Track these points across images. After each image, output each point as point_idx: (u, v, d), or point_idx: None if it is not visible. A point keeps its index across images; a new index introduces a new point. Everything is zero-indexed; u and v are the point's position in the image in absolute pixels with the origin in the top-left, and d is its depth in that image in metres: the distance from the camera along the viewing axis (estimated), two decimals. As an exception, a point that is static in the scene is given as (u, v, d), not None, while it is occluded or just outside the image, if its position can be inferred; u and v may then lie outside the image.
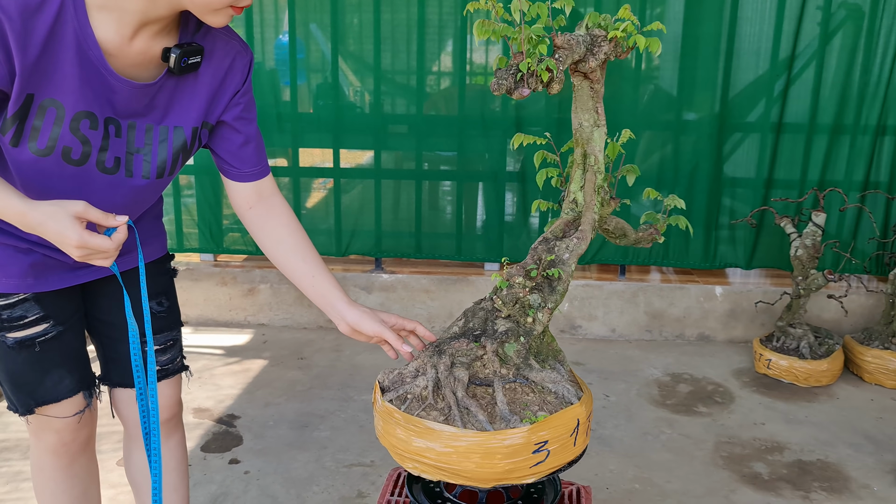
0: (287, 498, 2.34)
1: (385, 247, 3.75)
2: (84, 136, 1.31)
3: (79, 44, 1.24)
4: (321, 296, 1.53)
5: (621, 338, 3.70)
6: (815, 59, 3.39)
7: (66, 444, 1.62)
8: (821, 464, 2.59)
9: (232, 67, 1.45)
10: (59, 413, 1.56)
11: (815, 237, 3.17)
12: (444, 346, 1.48)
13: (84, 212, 1.24)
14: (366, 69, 3.61)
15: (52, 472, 1.65)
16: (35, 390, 1.52)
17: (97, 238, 1.25)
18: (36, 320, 1.48)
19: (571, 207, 1.56)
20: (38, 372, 1.51)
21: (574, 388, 1.44)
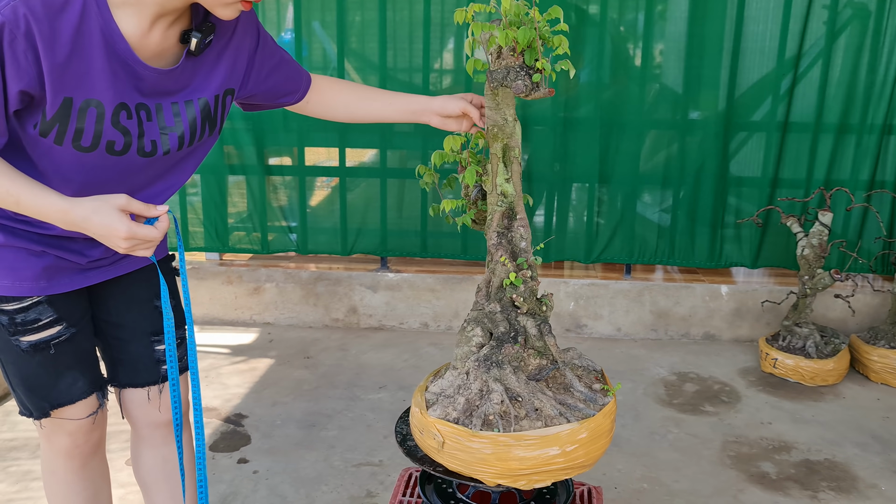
0: (297, 497, 2.34)
1: (390, 246, 3.75)
2: (124, 128, 1.34)
3: (106, 40, 1.26)
4: (407, 110, 1.69)
5: (627, 337, 3.70)
6: (822, 58, 3.39)
7: (79, 447, 1.63)
8: (828, 463, 2.59)
9: (238, 28, 1.48)
10: (74, 415, 1.57)
11: (821, 236, 3.17)
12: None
13: (127, 204, 1.28)
14: (370, 67, 3.61)
15: (64, 475, 1.65)
16: (50, 393, 1.52)
17: (144, 228, 1.29)
18: (49, 323, 1.48)
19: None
20: (53, 375, 1.52)
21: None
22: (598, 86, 3.51)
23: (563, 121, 3.54)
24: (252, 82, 1.56)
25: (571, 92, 3.55)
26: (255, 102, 1.65)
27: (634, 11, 3.45)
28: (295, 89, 1.66)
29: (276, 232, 3.79)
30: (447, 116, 1.65)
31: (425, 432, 1.44)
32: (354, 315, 3.78)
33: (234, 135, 3.66)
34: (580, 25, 3.47)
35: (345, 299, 3.77)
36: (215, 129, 1.50)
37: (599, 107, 3.50)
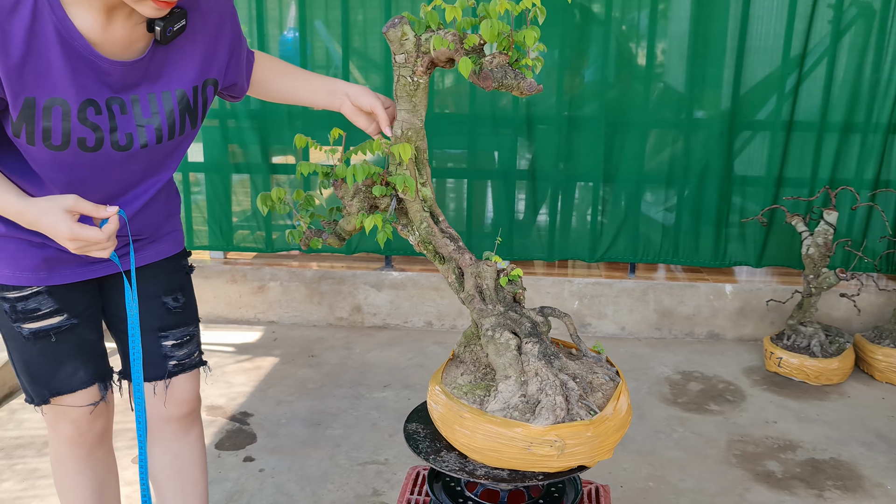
0: (302, 496, 2.35)
1: (395, 245, 3.76)
2: (93, 124, 1.33)
3: (62, 37, 1.25)
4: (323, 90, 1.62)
5: (631, 336, 3.70)
6: (827, 57, 3.39)
7: (83, 435, 1.64)
8: (834, 462, 2.59)
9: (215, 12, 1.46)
10: (74, 403, 1.58)
11: (826, 236, 3.17)
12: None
13: (75, 205, 1.27)
14: (373, 66, 3.61)
15: (70, 464, 1.67)
16: (50, 381, 1.55)
17: (88, 230, 1.27)
18: (50, 313, 1.51)
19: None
20: (53, 363, 1.54)
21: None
22: (602, 85, 3.50)
23: (568, 120, 3.54)
24: (233, 72, 1.54)
25: (576, 91, 3.55)
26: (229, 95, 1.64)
27: (638, 10, 3.45)
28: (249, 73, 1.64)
29: (281, 231, 3.79)
30: (358, 108, 1.58)
31: (535, 445, 1.37)
32: (359, 314, 3.78)
33: (239, 133, 3.66)
34: (584, 24, 3.47)
35: (349, 298, 3.77)
36: (196, 121, 1.48)
37: (604, 106, 3.50)
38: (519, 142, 3.62)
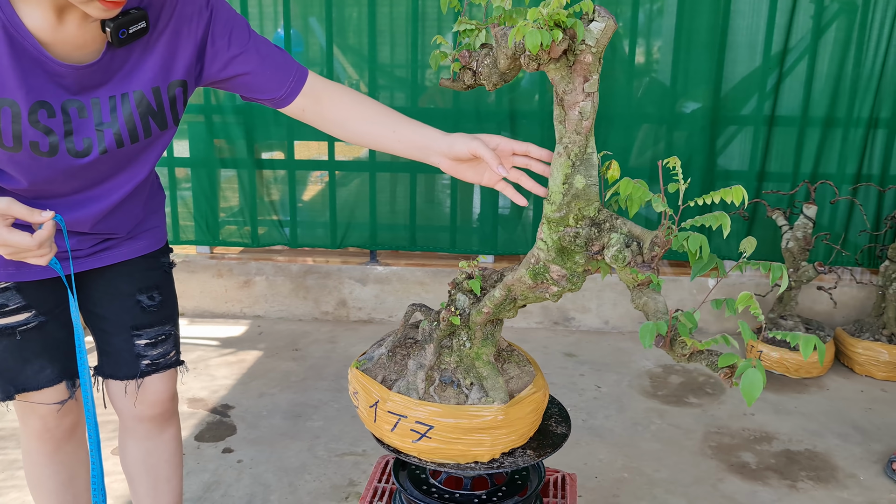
0: (279, 486, 2.37)
1: (380, 239, 3.78)
2: (46, 127, 1.30)
3: (10, 37, 1.22)
4: (412, 144, 1.44)
5: (615, 329, 3.72)
6: (808, 53, 3.40)
7: (51, 430, 1.64)
8: (808, 453, 2.61)
9: (182, 16, 1.38)
10: (41, 400, 1.58)
11: (806, 229, 3.19)
12: (418, 307, 1.59)
13: (7, 209, 1.19)
14: (361, 62, 3.63)
15: (38, 457, 1.67)
16: (16, 377, 1.54)
17: (17, 235, 1.20)
18: (17, 309, 1.49)
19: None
20: (19, 360, 1.52)
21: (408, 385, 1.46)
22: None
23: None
24: (207, 72, 1.45)
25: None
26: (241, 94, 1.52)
27: (624, 5, 3.46)
28: (272, 87, 1.47)
29: (267, 226, 3.81)
30: (457, 160, 1.39)
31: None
32: (344, 308, 3.80)
33: (226, 129, 3.68)
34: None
35: (334, 292, 3.79)
36: (166, 123, 1.43)
37: (587, 101, 3.51)
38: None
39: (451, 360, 1.49)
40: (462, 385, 1.46)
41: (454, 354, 1.49)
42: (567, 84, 1.18)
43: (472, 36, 1.32)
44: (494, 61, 1.27)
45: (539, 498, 1.70)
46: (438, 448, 1.43)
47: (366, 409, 1.49)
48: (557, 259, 1.27)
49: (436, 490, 1.61)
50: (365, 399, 1.49)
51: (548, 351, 3.45)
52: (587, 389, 3.06)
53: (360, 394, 1.50)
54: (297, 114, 1.51)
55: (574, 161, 1.22)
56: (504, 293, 1.39)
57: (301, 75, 1.49)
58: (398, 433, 1.44)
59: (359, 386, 1.51)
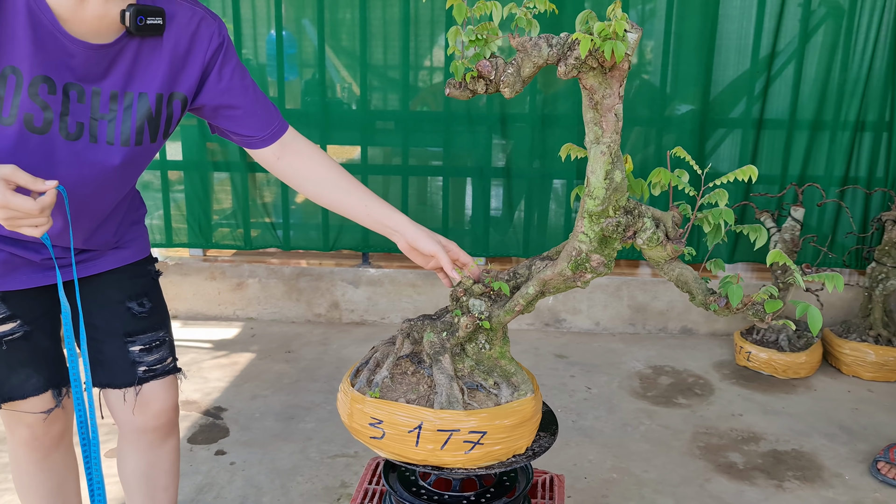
0: (271, 488, 2.39)
1: (372, 241, 3.80)
2: (44, 102, 1.31)
3: (30, 9, 1.26)
4: (379, 223, 1.60)
5: (605, 331, 3.75)
6: (796, 57, 3.44)
7: (39, 439, 1.63)
8: (795, 453, 2.64)
9: (197, 34, 1.44)
10: (28, 409, 1.58)
11: (793, 231, 3.22)
12: (415, 321, 1.56)
13: (12, 174, 1.20)
14: (354, 64, 3.65)
15: (26, 466, 1.67)
16: (1, 386, 1.54)
17: (21, 197, 1.19)
18: (3, 319, 1.49)
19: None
20: (5, 369, 1.52)
21: (448, 398, 1.44)
22: (575, 82, 3.54)
23: (542, 118, 3.58)
24: (204, 95, 1.49)
25: (550, 89, 3.59)
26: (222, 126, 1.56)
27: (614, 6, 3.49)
28: (257, 126, 1.54)
29: (260, 228, 3.83)
30: (415, 251, 1.57)
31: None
32: (336, 310, 3.82)
33: (218, 132, 3.69)
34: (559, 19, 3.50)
35: (327, 295, 3.81)
36: (157, 135, 1.45)
37: (577, 104, 3.54)
38: (494, 140, 3.67)
39: (464, 366, 1.50)
40: (486, 386, 1.49)
41: (469, 359, 1.51)
42: (605, 89, 1.28)
43: (481, 45, 1.35)
44: (518, 69, 1.31)
45: (527, 499, 1.73)
46: (489, 452, 1.44)
47: (401, 436, 1.43)
48: (598, 248, 1.38)
49: (425, 492, 1.63)
50: (400, 426, 1.43)
51: (539, 352, 3.48)
52: (577, 390, 3.09)
53: (386, 422, 1.43)
54: (269, 160, 1.59)
55: (613, 158, 1.32)
56: (539, 289, 1.45)
57: (284, 125, 1.59)
58: (449, 449, 1.42)
59: (385, 414, 1.43)
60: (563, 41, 1.29)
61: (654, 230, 1.36)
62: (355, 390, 1.49)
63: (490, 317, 1.47)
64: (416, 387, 1.48)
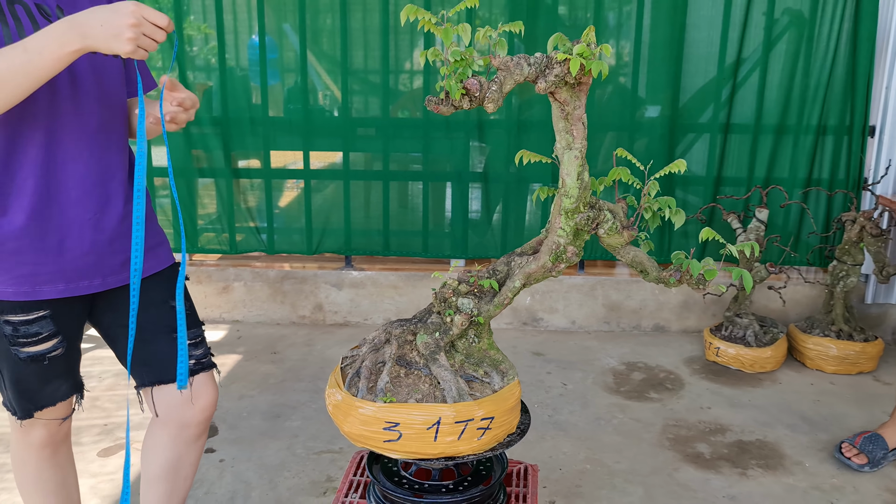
0: (260, 483, 2.49)
1: (355, 245, 3.90)
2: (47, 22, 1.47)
3: None
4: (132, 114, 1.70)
5: (581, 329, 3.88)
6: (760, 64, 3.59)
7: (53, 436, 1.75)
8: (759, 443, 2.78)
9: None
10: (54, 416, 1.69)
11: (758, 232, 3.37)
12: (389, 326, 1.66)
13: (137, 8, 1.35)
14: (335, 68, 3.75)
15: (36, 463, 1.77)
16: (35, 397, 1.64)
17: (151, 10, 1.34)
18: (48, 336, 1.58)
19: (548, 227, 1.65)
20: (42, 382, 1.63)
21: (458, 391, 1.55)
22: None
23: (518, 123, 3.71)
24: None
25: (525, 95, 3.71)
26: None
27: (587, 9, 3.62)
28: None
29: (244, 233, 3.92)
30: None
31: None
32: (320, 312, 3.93)
33: (203, 139, 3.78)
34: (534, 26, 3.63)
35: (311, 297, 3.91)
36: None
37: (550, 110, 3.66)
38: (472, 145, 3.79)
39: (455, 361, 1.63)
40: (478, 377, 1.62)
41: (459, 354, 1.63)
42: (575, 101, 1.45)
43: (464, 66, 1.47)
44: (500, 86, 1.44)
45: (502, 487, 1.84)
46: (495, 436, 1.58)
47: (419, 434, 1.52)
48: (573, 241, 1.56)
49: (407, 481, 1.75)
50: (418, 425, 1.50)
51: (517, 350, 3.60)
52: (553, 387, 3.22)
53: (404, 424, 1.50)
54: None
55: (583, 161, 1.50)
56: (523, 281, 1.61)
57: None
58: (465, 438, 1.53)
59: (401, 416, 1.51)
60: (539, 60, 1.44)
61: (613, 220, 1.55)
62: (360, 399, 1.55)
63: (480, 312, 1.60)
64: (417, 387, 1.57)
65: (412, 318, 1.71)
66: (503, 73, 1.46)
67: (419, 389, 1.57)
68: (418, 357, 1.62)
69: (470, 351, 1.63)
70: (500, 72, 1.47)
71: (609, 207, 1.58)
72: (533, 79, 1.44)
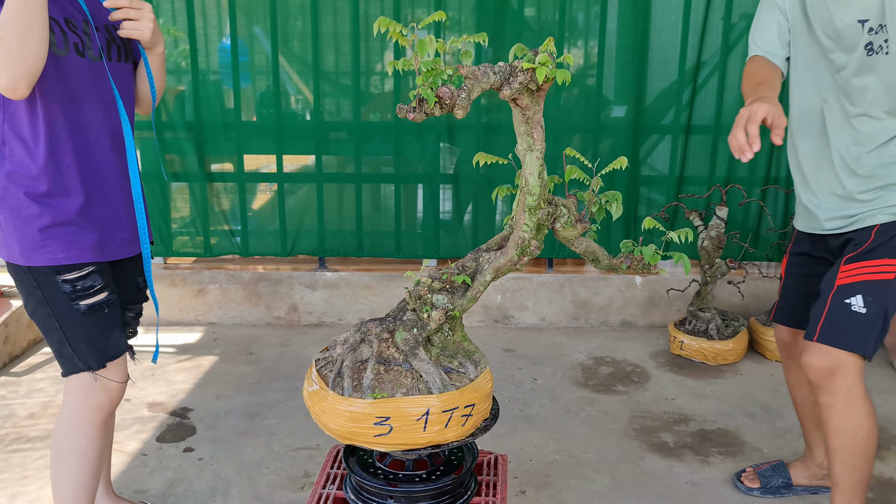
0: (239, 480, 2.55)
1: (328, 246, 3.97)
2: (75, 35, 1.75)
3: None
4: None
5: (550, 326, 3.99)
6: (719, 67, 3.72)
7: (111, 402, 1.93)
8: (720, 432, 2.90)
9: None
10: (117, 374, 1.92)
11: (718, 229, 3.50)
12: (362, 325, 1.73)
13: None
14: (306, 71, 3.81)
15: (89, 427, 1.92)
16: (105, 347, 1.87)
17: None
18: (101, 289, 1.84)
19: (510, 224, 1.76)
20: (106, 331, 1.87)
21: (442, 382, 1.64)
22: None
23: (486, 127, 3.80)
24: None
25: (492, 98, 3.81)
26: None
27: (555, 14, 3.72)
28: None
29: (219, 236, 3.97)
30: None
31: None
32: (295, 313, 3.99)
33: (177, 143, 3.83)
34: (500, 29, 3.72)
35: (286, 298, 3.97)
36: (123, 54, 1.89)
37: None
38: (442, 147, 3.87)
39: (431, 355, 1.71)
40: (454, 367, 1.72)
41: (434, 348, 1.72)
42: (535, 106, 1.56)
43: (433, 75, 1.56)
44: (469, 94, 1.54)
45: (473, 476, 1.93)
46: (475, 422, 1.68)
47: (409, 426, 1.59)
48: (536, 235, 1.67)
49: (382, 472, 1.83)
50: (409, 417, 1.58)
51: (488, 347, 3.69)
52: (524, 382, 3.31)
53: (394, 417, 1.57)
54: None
55: (542, 161, 1.60)
56: (493, 275, 1.71)
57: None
58: (451, 426, 1.63)
59: (392, 410, 1.58)
60: (503, 69, 1.54)
61: (569, 215, 1.67)
62: (348, 397, 1.62)
63: (455, 307, 1.70)
64: (400, 381, 1.66)
65: (385, 316, 1.79)
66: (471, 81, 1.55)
67: (402, 384, 1.65)
68: (397, 353, 1.69)
69: (445, 344, 1.73)
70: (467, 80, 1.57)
71: (563, 203, 1.69)
72: (498, 86, 1.54)
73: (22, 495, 2.42)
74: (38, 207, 1.75)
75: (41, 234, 1.76)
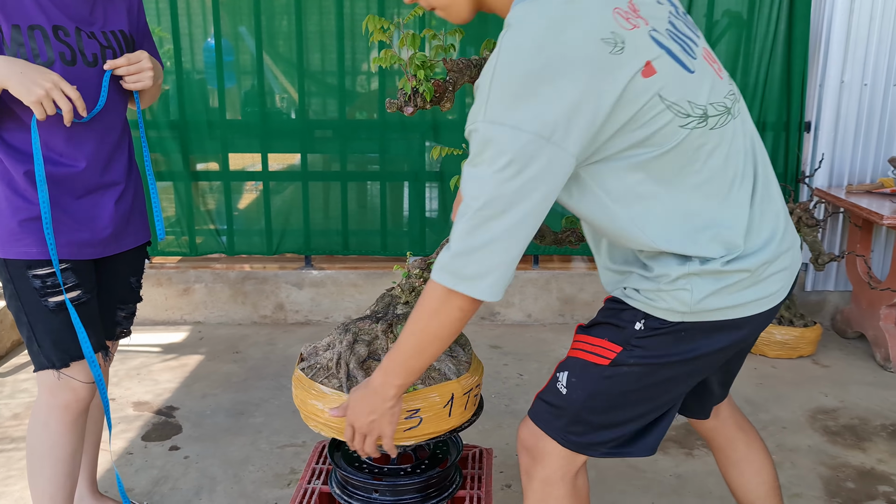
0: (225, 477, 2.55)
1: (314, 245, 3.97)
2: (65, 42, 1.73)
3: None
4: None
5: (537, 322, 4.00)
6: (702, 63, 3.74)
7: (78, 402, 1.89)
8: (705, 425, 2.92)
9: None
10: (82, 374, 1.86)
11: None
12: (351, 325, 1.73)
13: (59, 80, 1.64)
14: (291, 70, 3.81)
15: (57, 426, 1.89)
16: (69, 347, 1.82)
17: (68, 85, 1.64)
18: (72, 287, 1.81)
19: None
20: (72, 331, 1.81)
21: (455, 367, 1.68)
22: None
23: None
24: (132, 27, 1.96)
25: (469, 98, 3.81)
26: None
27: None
28: None
29: (204, 235, 3.96)
30: None
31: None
32: (281, 311, 3.98)
33: (161, 143, 3.82)
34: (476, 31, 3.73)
35: (272, 297, 3.97)
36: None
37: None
38: (427, 145, 3.88)
39: None
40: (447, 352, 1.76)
41: None
42: None
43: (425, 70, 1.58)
44: (454, 87, 1.56)
45: (458, 469, 1.94)
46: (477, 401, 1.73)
47: (437, 414, 1.62)
48: None
49: (367, 466, 1.83)
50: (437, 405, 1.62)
51: (475, 344, 3.70)
52: (510, 377, 3.33)
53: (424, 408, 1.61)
54: None
55: None
56: None
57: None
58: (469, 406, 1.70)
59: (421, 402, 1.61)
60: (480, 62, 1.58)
61: None
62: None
63: None
64: None
65: (372, 313, 1.80)
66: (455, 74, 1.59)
67: None
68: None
69: None
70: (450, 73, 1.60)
71: None
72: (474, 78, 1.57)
73: (6, 495, 2.41)
74: (22, 201, 1.76)
75: (19, 227, 1.76)
